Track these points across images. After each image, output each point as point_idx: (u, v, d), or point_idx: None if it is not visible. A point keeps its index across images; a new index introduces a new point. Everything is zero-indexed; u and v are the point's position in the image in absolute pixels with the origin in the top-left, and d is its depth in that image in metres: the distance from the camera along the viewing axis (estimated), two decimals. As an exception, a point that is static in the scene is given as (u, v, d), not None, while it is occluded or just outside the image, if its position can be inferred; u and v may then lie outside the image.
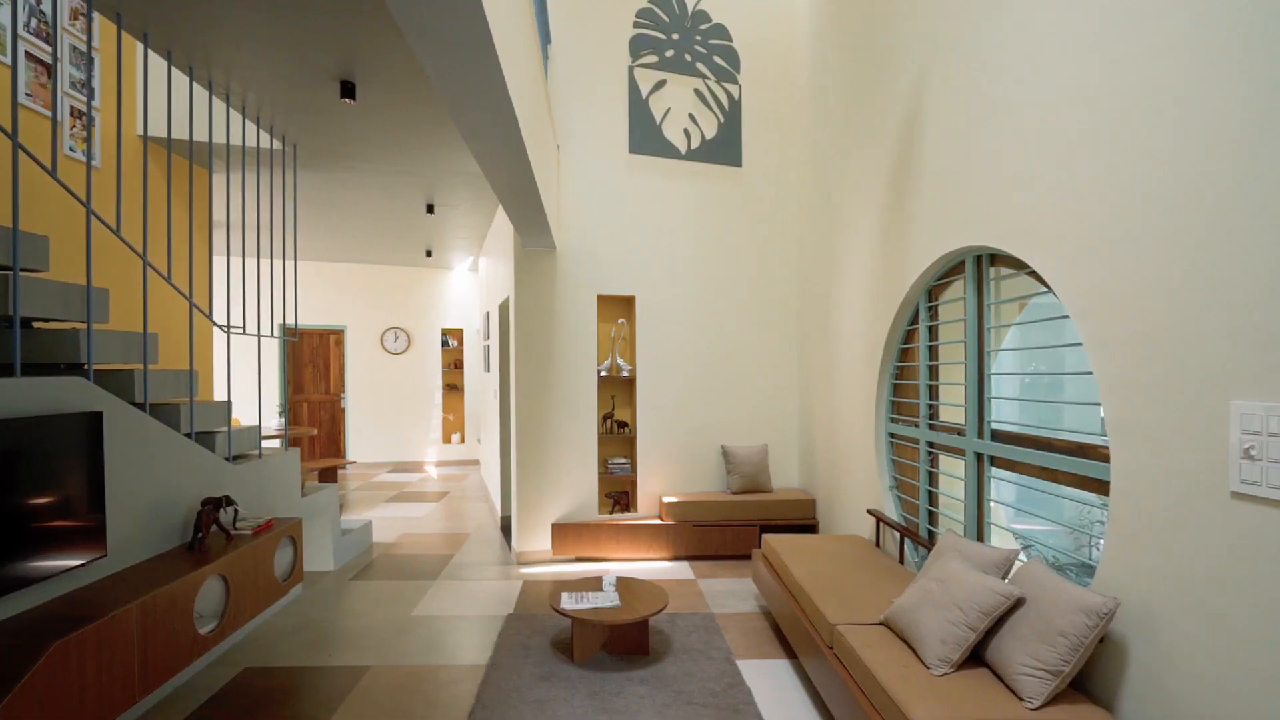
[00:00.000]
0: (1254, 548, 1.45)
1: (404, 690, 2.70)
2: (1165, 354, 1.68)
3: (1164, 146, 1.69)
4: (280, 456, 3.62)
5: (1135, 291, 1.78)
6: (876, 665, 2.06)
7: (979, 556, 2.32)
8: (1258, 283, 1.43)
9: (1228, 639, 1.51)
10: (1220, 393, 1.52)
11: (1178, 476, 1.65)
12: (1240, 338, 1.47)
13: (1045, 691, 1.80)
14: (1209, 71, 1.56)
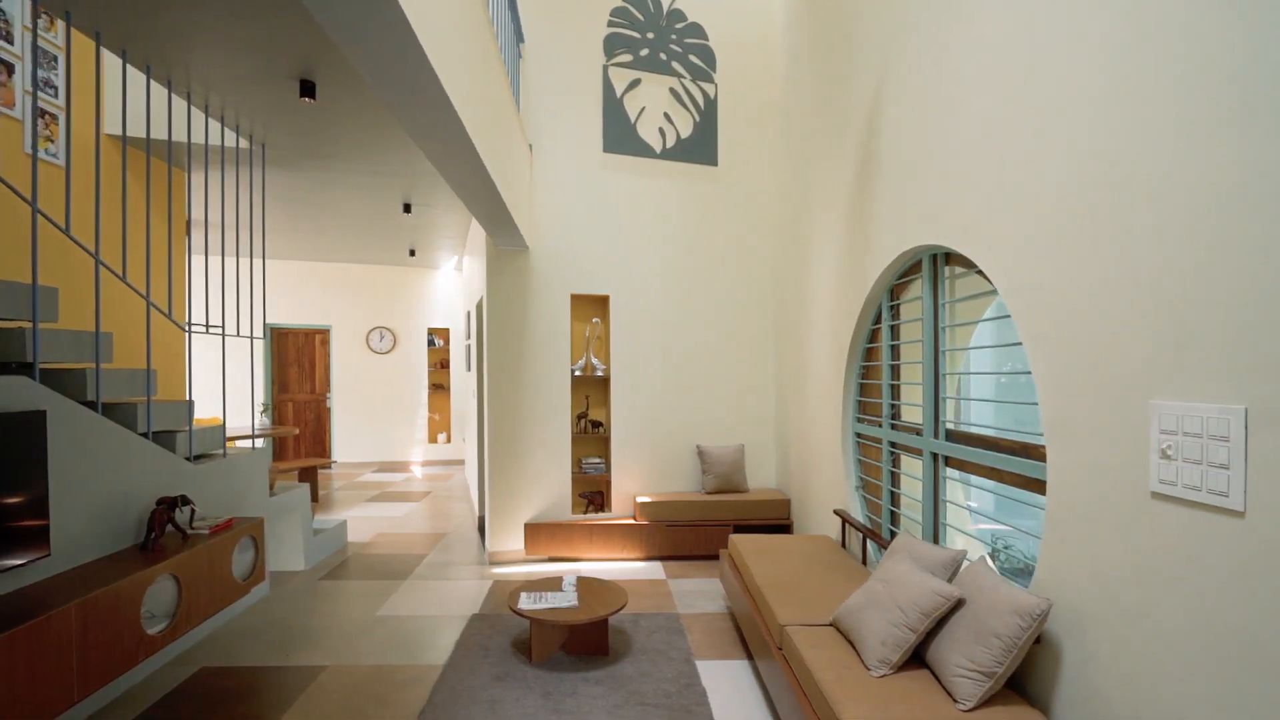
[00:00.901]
0: (1171, 548, 1.44)
1: (358, 690, 2.69)
2: (1093, 353, 1.67)
3: (1086, 149, 1.68)
4: (247, 456, 3.62)
5: (1066, 290, 1.77)
6: (817, 666, 2.06)
7: (928, 557, 2.31)
8: (1177, 283, 1.42)
9: (1149, 639, 1.50)
10: (1141, 392, 1.52)
11: (1104, 476, 1.64)
12: (1160, 337, 1.46)
13: (979, 693, 1.79)
14: (1130, 73, 1.55)
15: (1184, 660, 1.40)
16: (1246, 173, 1.26)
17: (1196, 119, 1.37)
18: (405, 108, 2.14)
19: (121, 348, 3.43)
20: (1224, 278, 1.31)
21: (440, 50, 1.97)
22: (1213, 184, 1.34)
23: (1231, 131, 1.29)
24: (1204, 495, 1.35)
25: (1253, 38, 1.25)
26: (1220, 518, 1.32)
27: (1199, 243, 1.37)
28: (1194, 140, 1.38)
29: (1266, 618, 1.22)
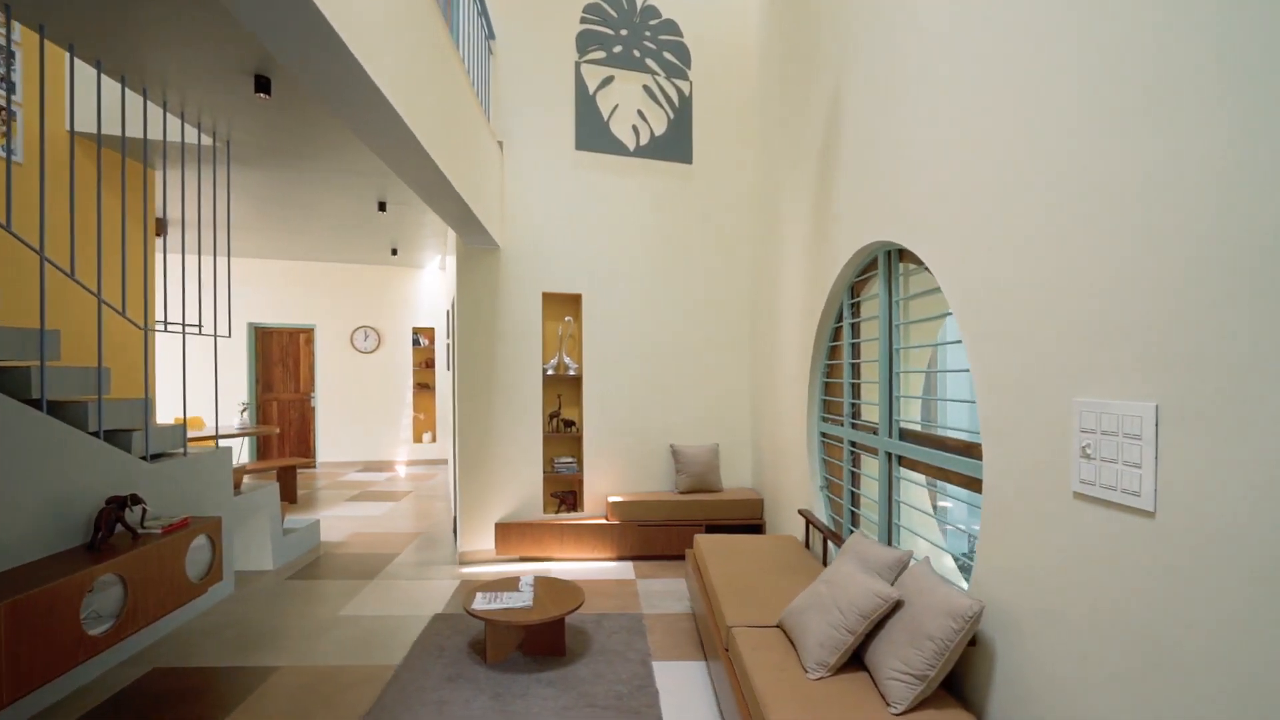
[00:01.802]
0: (1090, 549, 1.41)
1: (307, 691, 2.67)
2: (1023, 351, 1.64)
3: (1013, 151, 1.65)
4: (209, 455, 3.59)
5: (999, 288, 1.74)
6: (755, 668, 2.03)
7: (875, 558, 2.28)
8: (1096, 280, 1.39)
9: (1070, 642, 1.47)
10: (1066, 390, 1.49)
11: (1033, 475, 1.61)
12: (1082, 335, 1.43)
13: (910, 696, 1.76)
14: (1050, 78, 1.52)
15: (1102, 664, 1.37)
16: (1152, 172, 1.23)
17: (1102, 118, 1.34)
18: (338, 104, 2.12)
19: (82, 346, 3.41)
20: (1136, 274, 1.28)
21: (364, 42, 1.94)
22: (1121, 183, 1.31)
23: (1136, 131, 1.26)
24: (1119, 495, 1.32)
25: (1169, 36, 1.22)
26: (1133, 518, 1.29)
27: (1114, 239, 1.33)
28: (1100, 141, 1.34)
29: (1173, 621, 1.19)
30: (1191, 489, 1.16)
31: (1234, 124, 1.07)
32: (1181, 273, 1.18)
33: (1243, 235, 1.06)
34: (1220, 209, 1.10)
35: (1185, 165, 1.17)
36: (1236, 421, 1.07)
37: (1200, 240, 1.14)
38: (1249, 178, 1.05)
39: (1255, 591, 1.04)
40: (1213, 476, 1.12)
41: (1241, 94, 1.06)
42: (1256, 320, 1.04)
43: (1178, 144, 1.18)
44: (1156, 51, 1.23)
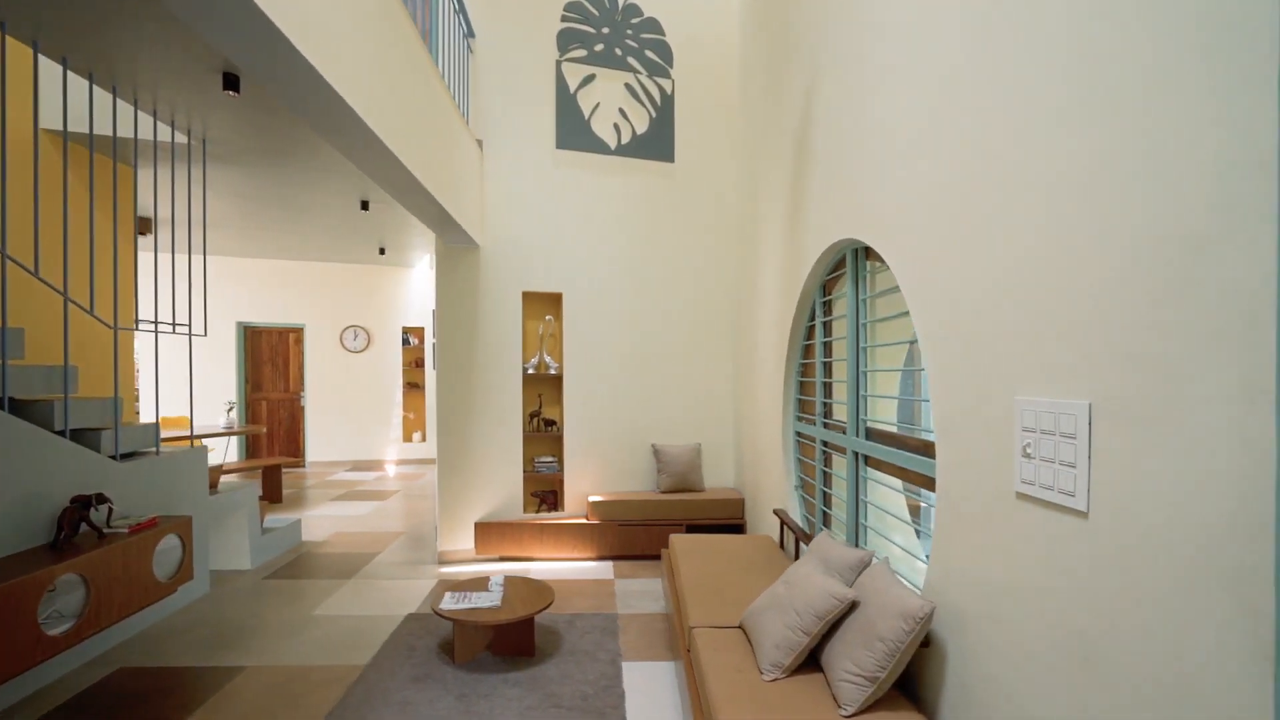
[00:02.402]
0: (1029, 549, 1.40)
1: (272, 691, 2.65)
2: (972, 349, 1.62)
3: (962, 151, 1.64)
4: (184, 454, 3.58)
5: (950, 285, 1.72)
6: (711, 669, 2.01)
7: (837, 558, 2.26)
8: (1037, 277, 1.37)
9: (1012, 643, 1.45)
10: (1010, 389, 1.47)
11: (980, 475, 1.59)
12: (1024, 333, 1.42)
13: (861, 699, 1.74)
14: (992, 80, 1.50)
15: (1041, 668, 1.35)
16: (1082, 173, 1.22)
17: (1039, 121, 1.32)
18: (297, 105, 2.10)
19: (58, 346, 3.40)
20: (1070, 273, 1.26)
21: (313, 38, 1.92)
22: (1055, 183, 1.29)
23: (1069, 133, 1.24)
24: (1055, 495, 1.30)
25: (1104, 42, 1.20)
26: (1068, 518, 1.27)
27: (1050, 239, 1.32)
28: (1037, 142, 1.33)
29: (1104, 624, 1.18)
30: (1120, 489, 1.14)
31: (1160, 127, 1.05)
32: (1111, 272, 1.16)
33: (1166, 234, 1.04)
34: (1144, 210, 1.08)
35: (1114, 166, 1.15)
36: (1160, 422, 1.06)
37: (1129, 240, 1.12)
38: (1169, 180, 1.03)
39: (1178, 594, 1.02)
40: (1139, 477, 1.10)
41: (1166, 97, 1.04)
42: (1179, 320, 1.02)
43: (1110, 145, 1.16)
44: (1091, 57, 1.21)
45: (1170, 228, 1.04)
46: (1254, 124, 0.90)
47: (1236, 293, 0.93)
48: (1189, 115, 1.00)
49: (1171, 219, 1.03)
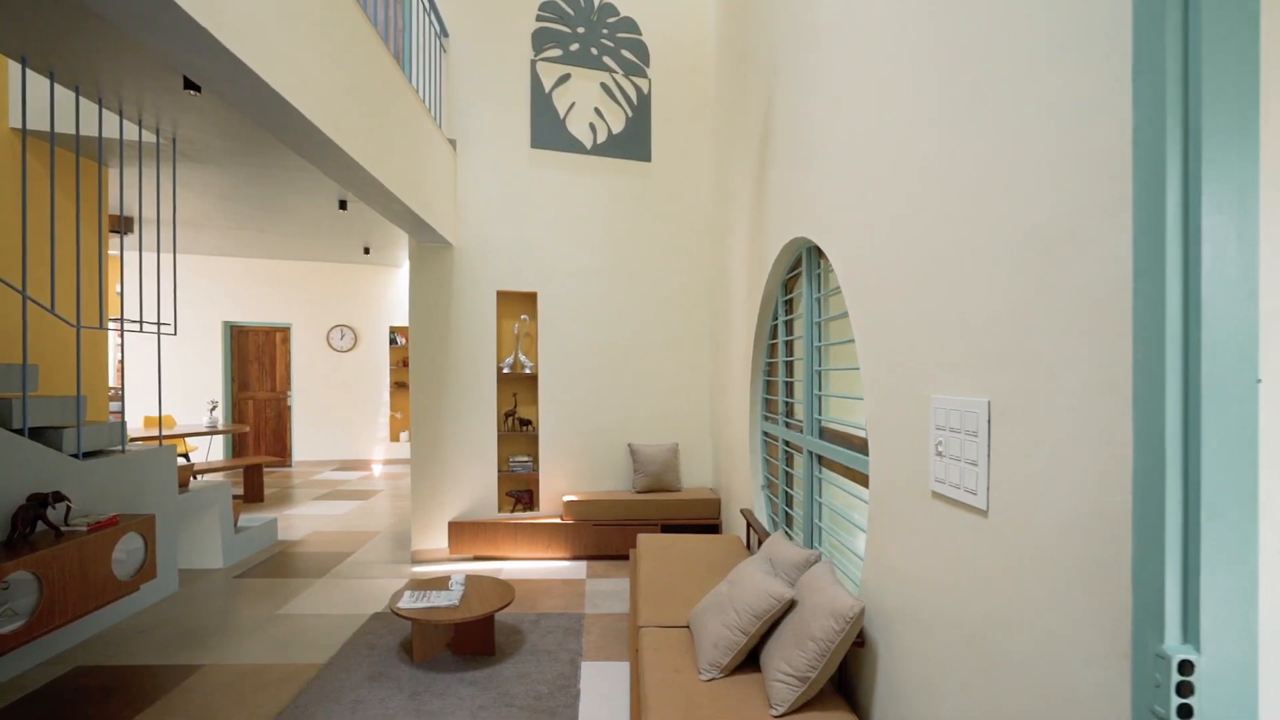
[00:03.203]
0: (942, 549, 1.39)
1: (225, 690, 2.65)
2: (897, 347, 1.62)
3: (887, 152, 1.63)
4: (150, 452, 3.58)
5: (878, 282, 1.72)
6: (650, 669, 2.01)
7: (783, 558, 2.26)
8: (947, 276, 1.36)
9: (928, 642, 1.45)
10: (927, 387, 1.46)
11: (905, 474, 1.59)
12: (939, 331, 1.41)
13: (792, 698, 1.74)
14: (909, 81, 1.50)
15: (952, 665, 1.35)
16: (978, 173, 1.21)
17: (944, 124, 1.32)
18: (244, 109, 2.11)
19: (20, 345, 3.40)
20: (968, 269, 1.26)
21: (266, 55, 1.92)
22: (958, 183, 1.28)
23: (968, 136, 1.24)
24: (962, 494, 1.29)
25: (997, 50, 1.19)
26: (972, 516, 1.27)
27: (955, 237, 1.31)
28: (944, 146, 1.32)
29: (1000, 622, 1.17)
30: (1011, 486, 1.14)
31: (1024, 135, 1.05)
32: (997, 271, 1.15)
33: (1037, 234, 1.04)
34: (1019, 210, 1.08)
35: (993, 171, 1.14)
36: (1038, 418, 1.05)
37: (1010, 239, 1.12)
38: (1036, 182, 1.03)
39: (1054, 590, 1.02)
40: (1025, 473, 1.10)
41: (1029, 106, 1.04)
42: (1049, 317, 1.02)
43: (986, 152, 1.16)
44: (963, 71, 1.21)
45: (1040, 227, 1.03)
46: (1106, 129, 0.90)
47: (1094, 290, 0.92)
48: (1047, 120, 1.00)
49: (1041, 218, 1.03)
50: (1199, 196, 0.80)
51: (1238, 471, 0.80)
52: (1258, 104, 0.80)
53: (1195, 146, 0.80)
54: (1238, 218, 0.80)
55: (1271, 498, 0.84)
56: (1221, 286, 0.80)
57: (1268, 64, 0.80)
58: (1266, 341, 0.81)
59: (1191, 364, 0.81)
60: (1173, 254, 0.82)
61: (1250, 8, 0.80)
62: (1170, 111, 0.81)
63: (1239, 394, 0.80)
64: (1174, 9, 0.82)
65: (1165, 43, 0.82)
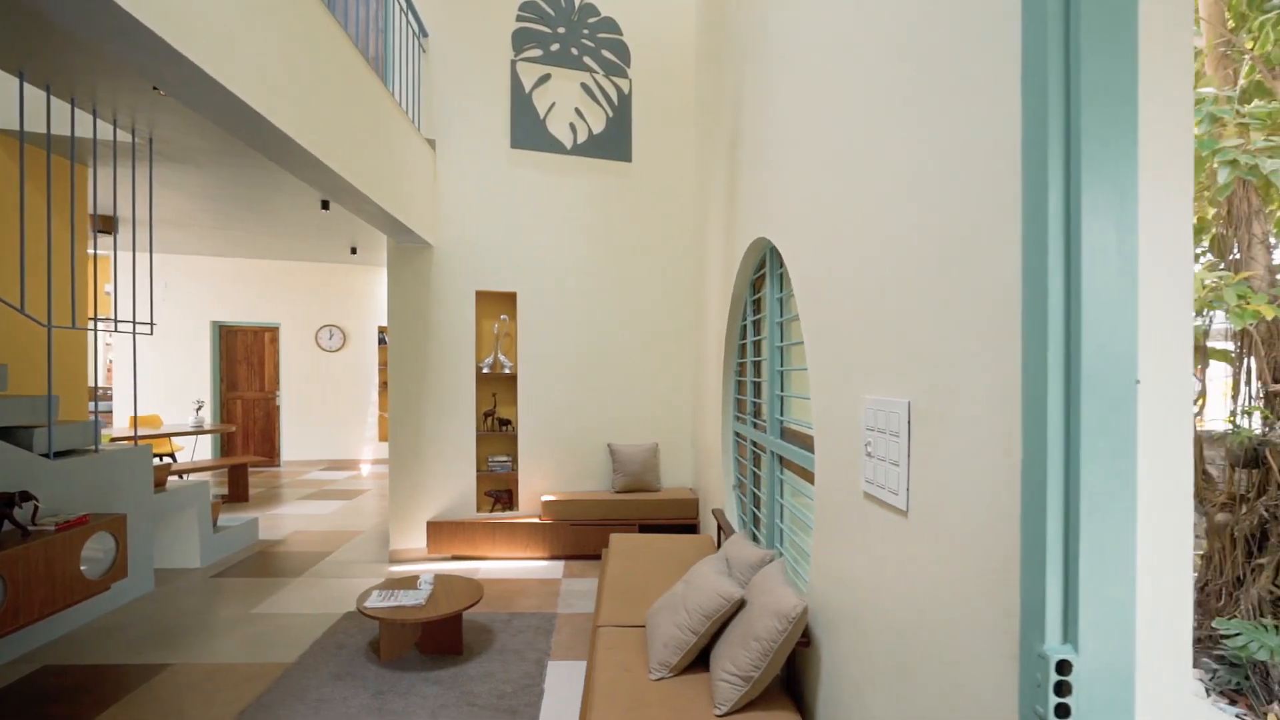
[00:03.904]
0: (871, 549, 1.40)
1: (190, 689, 2.66)
2: (837, 348, 1.62)
3: (825, 154, 1.64)
4: (124, 452, 3.59)
5: (822, 283, 1.72)
6: (601, 668, 2.01)
7: (740, 558, 2.26)
8: (876, 276, 1.37)
9: (859, 641, 1.45)
10: (861, 387, 1.47)
11: (843, 474, 1.59)
12: (871, 332, 1.41)
13: (735, 698, 1.74)
14: (847, 86, 1.50)
15: (879, 666, 1.35)
16: (898, 178, 1.21)
17: (872, 129, 1.32)
18: (183, 97, 2.12)
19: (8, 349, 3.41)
20: (892, 271, 1.26)
21: (222, 59, 1.93)
22: (885, 184, 1.29)
23: (877, 142, 1.24)
24: (887, 494, 1.30)
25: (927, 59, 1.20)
26: (895, 517, 1.27)
27: (881, 238, 1.32)
28: (863, 144, 1.33)
29: (917, 622, 1.17)
30: (926, 486, 1.14)
31: (949, 138, 1.05)
32: (915, 273, 1.16)
33: (948, 237, 1.04)
34: (929, 215, 1.08)
35: (920, 172, 1.15)
36: (948, 419, 1.06)
37: (922, 242, 1.12)
38: (958, 186, 1.03)
39: (958, 590, 1.02)
40: (938, 474, 1.10)
41: (935, 118, 1.04)
42: (957, 319, 1.02)
43: (916, 151, 1.16)
44: (900, 71, 1.21)
45: (949, 230, 1.04)
46: (1002, 133, 0.90)
47: (993, 293, 0.93)
48: (953, 127, 1.00)
49: (950, 222, 1.04)
50: (1079, 199, 0.80)
51: (1117, 472, 0.81)
52: (1136, 108, 0.80)
53: (1076, 150, 0.81)
54: (1117, 221, 0.81)
55: (1151, 498, 0.84)
56: (1101, 288, 0.80)
57: (1146, 67, 0.81)
58: (1145, 343, 0.82)
59: (1072, 365, 0.81)
60: (1054, 256, 0.82)
61: (1128, 14, 0.80)
62: (1052, 114, 0.82)
63: (1118, 395, 0.81)
64: (1055, 18, 0.82)
65: (1048, 50, 0.82)
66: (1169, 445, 0.85)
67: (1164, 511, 0.85)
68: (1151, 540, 0.83)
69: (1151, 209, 0.83)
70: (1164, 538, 0.85)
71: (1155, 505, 0.84)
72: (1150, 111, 0.82)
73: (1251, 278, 3.39)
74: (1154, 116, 0.83)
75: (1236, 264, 3.57)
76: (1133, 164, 0.81)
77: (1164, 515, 0.85)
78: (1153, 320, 0.83)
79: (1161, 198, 0.85)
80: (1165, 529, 0.85)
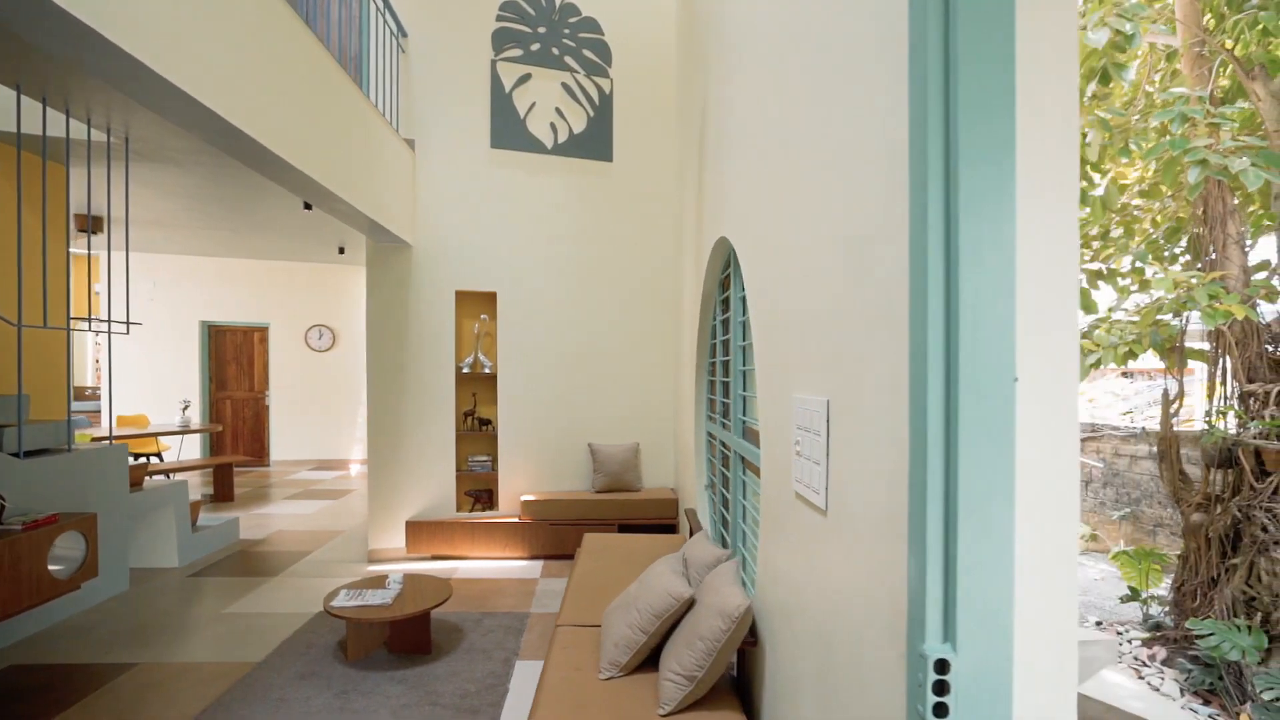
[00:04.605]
0: (801, 548, 1.39)
1: (153, 688, 2.66)
2: (777, 349, 1.62)
3: (769, 157, 1.64)
4: (98, 451, 3.59)
5: (765, 283, 1.72)
6: (553, 668, 2.01)
7: (697, 558, 2.26)
8: (804, 277, 1.37)
9: (795, 641, 1.45)
10: (793, 387, 1.46)
11: (781, 473, 1.59)
12: (802, 331, 1.41)
13: (679, 697, 1.74)
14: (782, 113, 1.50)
15: (809, 664, 1.35)
16: (816, 177, 1.21)
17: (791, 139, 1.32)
18: (130, 90, 2.12)
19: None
20: (819, 269, 1.26)
21: (176, 63, 1.93)
22: (810, 183, 1.29)
23: (801, 142, 1.24)
24: (811, 493, 1.30)
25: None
26: (817, 516, 1.27)
27: (811, 238, 1.32)
28: (791, 144, 1.32)
29: (837, 624, 1.17)
30: (843, 485, 1.14)
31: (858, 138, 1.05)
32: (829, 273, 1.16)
33: (851, 236, 1.04)
34: (852, 213, 1.08)
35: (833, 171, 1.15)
36: (856, 417, 1.05)
37: (845, 239, 1.12)
38: (865, 186, 1.03)
39: (860, 588, 1.02)
40: (848, 472, 1.10)
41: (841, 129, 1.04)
42: (859, 318, 1.02)
43: (827, 148, 1.16)
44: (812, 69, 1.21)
45: (859, 228, 1.03)
46: (896, 132, 0.90)
47: (890, 292, 0.92)
48: (861, 129, 1.00)
49: (859, 220, 1.03)
50: (957, 201, 0.80)
51: (995, 469, 0.80)
52: (1013, 111, 0.80)
53: (954, 153, 0.80)
54: (995, 223, 0.80)
55: (1036, 497, 0.84)
56: (978, 287, 0.80)
57: (1023, 69, 0.81)
58: (1028, 342, 0.81)
59: (951, 362, 0.81)
60: (934, 257, 0.82)
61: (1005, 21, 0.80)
62: (931, 112, 0.82)
63: (996, 392, 0.80)
64: (935, 28, 0.82)
65: (928, 51, 0.82)
66: (1054, 444, 0.85)
67: (1049, 510, 0.85)
68: (1036, 540, 0.83)
69: (1039, 211, 0.82)
70: (1049, 537, 0.85)
71: (1040, 505, 0.84)
72: (1028, 119, 0.82)
73: (1225, 277, 3.38)
74: (1033, 123, 0.82)
75: (1213, 264, 3.56)
76: (1010, 169, 0.80)
77: (1049, 514, 0.84)
78: (1039, 320, 0.83)
79: (1047, 200, 0.84)
80: (1051, 528, 0.85)
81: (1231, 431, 3.46)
